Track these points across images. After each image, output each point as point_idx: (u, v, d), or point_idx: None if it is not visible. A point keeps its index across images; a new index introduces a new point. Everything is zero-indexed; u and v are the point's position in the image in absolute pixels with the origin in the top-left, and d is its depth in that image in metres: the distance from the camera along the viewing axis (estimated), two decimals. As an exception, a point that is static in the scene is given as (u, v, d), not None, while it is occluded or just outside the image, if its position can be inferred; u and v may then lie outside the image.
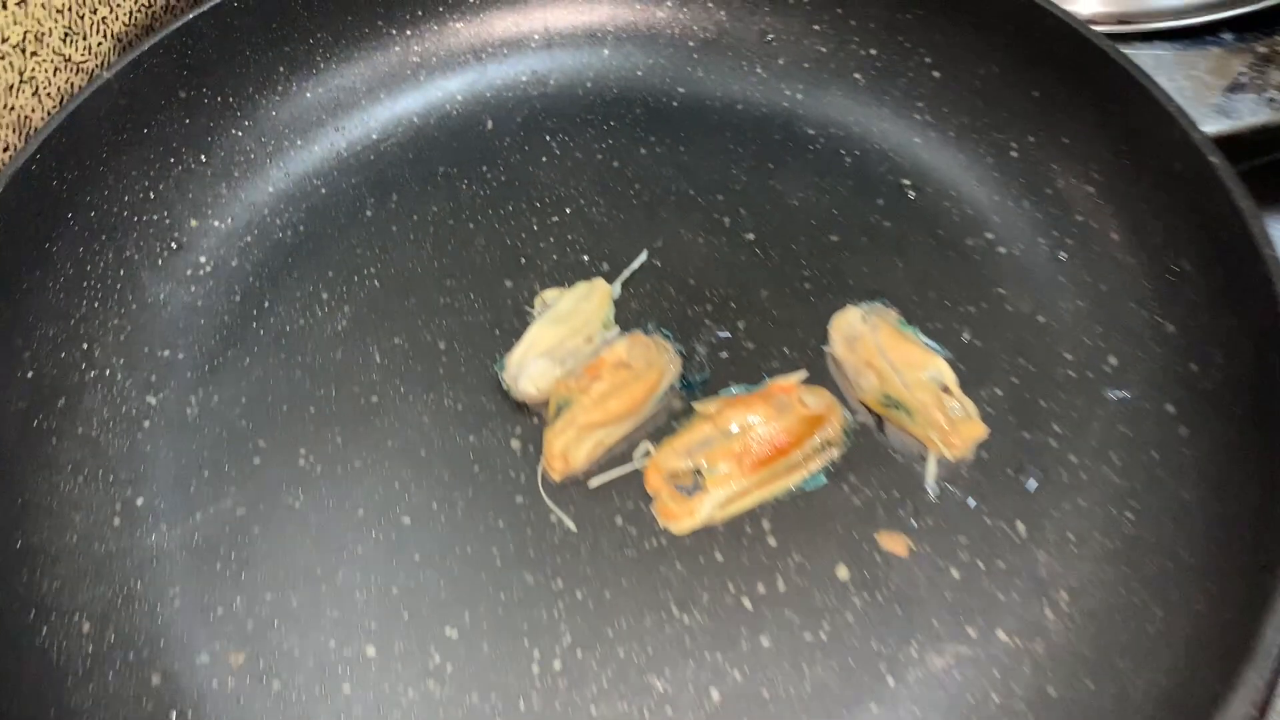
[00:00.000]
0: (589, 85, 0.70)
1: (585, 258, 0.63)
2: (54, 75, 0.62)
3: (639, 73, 0.70)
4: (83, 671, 0.51)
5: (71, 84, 0.63)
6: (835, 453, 0.55)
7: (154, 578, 0.54)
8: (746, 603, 0.52)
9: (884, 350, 0.56)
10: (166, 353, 0.60)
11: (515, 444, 0.57)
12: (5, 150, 0.61)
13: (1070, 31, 0.59)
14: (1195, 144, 0.54)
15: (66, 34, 0.62)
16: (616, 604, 0.52)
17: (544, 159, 0.67)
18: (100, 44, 0.64)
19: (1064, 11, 0.60)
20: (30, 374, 0.56)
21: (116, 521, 0.55)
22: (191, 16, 0.61)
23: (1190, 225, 0.55)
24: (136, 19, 0.65)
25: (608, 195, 0.65)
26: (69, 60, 0.62)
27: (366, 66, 0.69)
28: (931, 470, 0.55)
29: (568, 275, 0.62)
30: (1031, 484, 0.54)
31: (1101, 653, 0.48)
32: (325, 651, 0.51)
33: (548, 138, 0.68)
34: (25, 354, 0.56)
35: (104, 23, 0.64)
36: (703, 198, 0.65)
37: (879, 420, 0.57)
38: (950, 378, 0.55)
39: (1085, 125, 0.61)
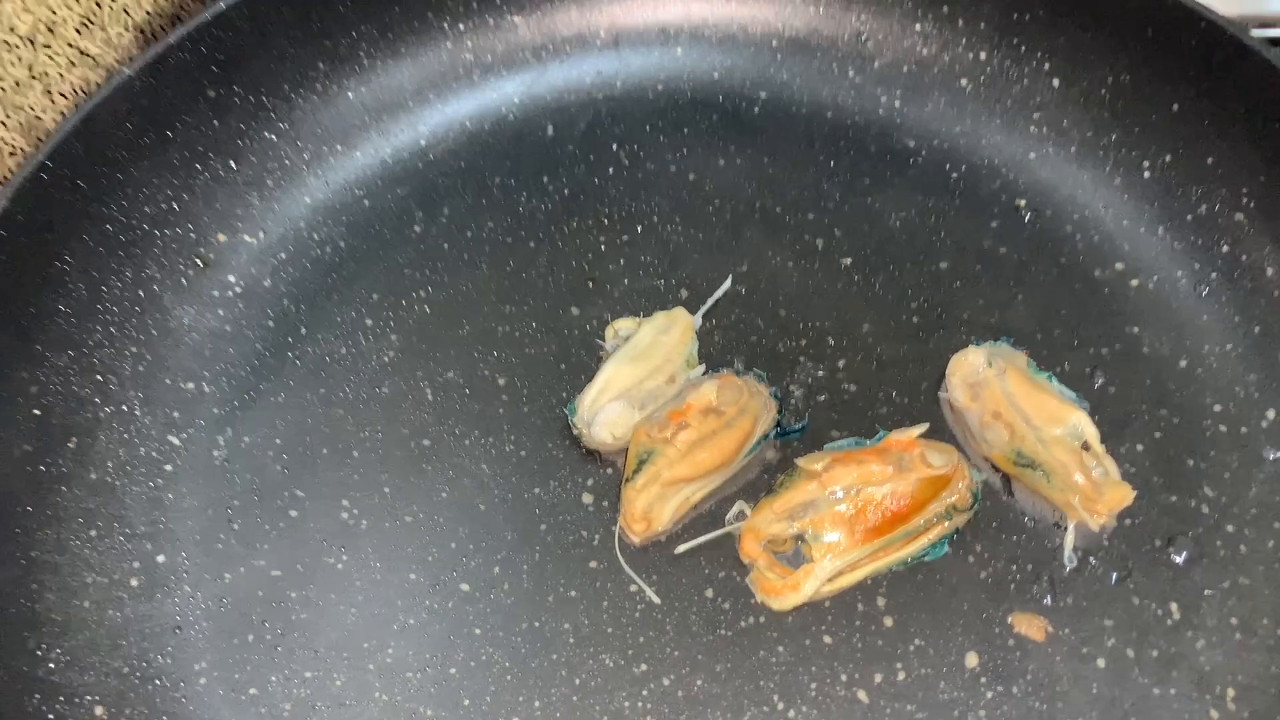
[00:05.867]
0: (660, 88, 0.63)
1: (660, 283, 0.57)
2: (68, 71, 0.57)
3: (716, 75, 0.64)
4: (94, 764, 0.45)
5: (87, 81, 0.59)
6: (962, 519, 0.48)
7: (177, 650, 0.49)
8: (862, 695, 0.46)
9: (1015, 400, 0.49)
10: (191, 386, 0.55)
11: (587, 499, 0.51)
12: (12, 155, 0.57)
13: (1226, 37, 0.52)
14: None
15: (82, 24, 0.57)
16: (710, 693, 0.46)
17: (611, 170, 0.61)
18: (120, 36, 0.59)
19: (1216, 14, 0.52)
20: (37, 411, 0.51)
21: (134, 583, 0.50)
22: (223, 6, 0.56)
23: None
24: (161, 8, 0.60)
25: (684, 212, 0.59)
26: (85, 54, 0.58)
27: (415, 65, 0.63)
28: (1070, 540, 0.48)
29: (642, 303, 0.56)
30: (1183, 556, 0.48)
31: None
32: (374, 743, 0.46)
33: (615, 146, 0.62)
34: (31, 388, 0.51)
35: (125, 12, 0.59)
36: (791, 216, 0.59)
37: (1006, 480, 0.50)
38: (1092, 433, 0.49)
39: (1236, 144, 0.54)
